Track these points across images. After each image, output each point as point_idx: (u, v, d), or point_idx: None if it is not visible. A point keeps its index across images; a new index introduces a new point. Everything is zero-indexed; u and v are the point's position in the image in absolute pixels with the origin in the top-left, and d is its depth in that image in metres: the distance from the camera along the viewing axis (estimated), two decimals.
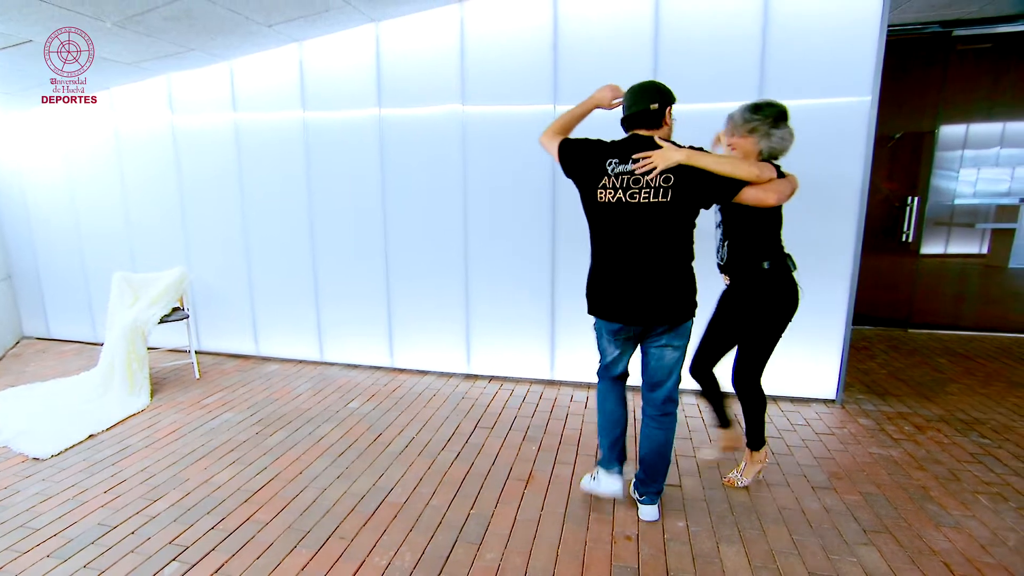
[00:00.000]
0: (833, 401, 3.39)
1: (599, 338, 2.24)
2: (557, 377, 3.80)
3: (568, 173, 2.16)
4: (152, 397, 3.65)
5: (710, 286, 2.48)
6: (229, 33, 3.38)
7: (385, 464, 2.74)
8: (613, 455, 2.31)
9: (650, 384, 2.19)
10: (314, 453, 2.86)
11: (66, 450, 2.93)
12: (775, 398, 3.45)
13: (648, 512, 2.26)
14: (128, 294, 3.97)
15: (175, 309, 4.02)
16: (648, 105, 2.04)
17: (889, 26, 3.25)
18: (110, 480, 2.62)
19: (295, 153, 4.00)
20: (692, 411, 3.31)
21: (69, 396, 3.62)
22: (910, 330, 4.99)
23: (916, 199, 4.68)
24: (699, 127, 3.25)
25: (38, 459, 2.84)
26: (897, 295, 4.98)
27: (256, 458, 2.82)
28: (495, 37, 3.46)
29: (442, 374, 4.00)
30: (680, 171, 1.94)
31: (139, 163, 4.42)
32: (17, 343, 5.01)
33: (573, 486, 2.52)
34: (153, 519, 2.30)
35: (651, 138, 2.03)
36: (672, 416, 2.19)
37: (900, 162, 4.78)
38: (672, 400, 2.17)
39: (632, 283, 2.03)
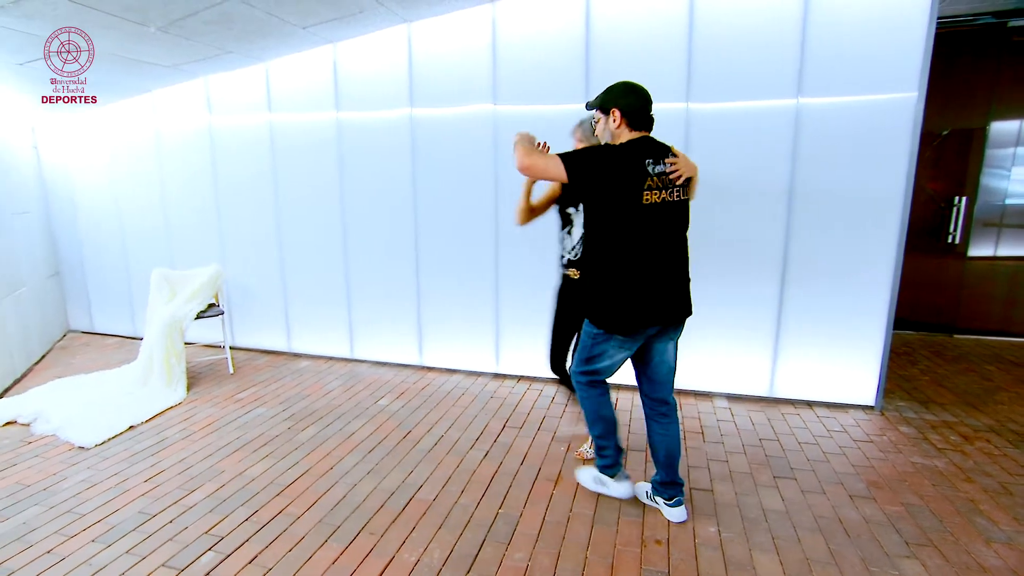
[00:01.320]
0: (872, 407, 3.29)
1: (611, 354, 2.14)
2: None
3: (593, 184, 2.00)
4: (188, 390, 3.77)
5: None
6: (266, 35, 3.46)
7: (414, 461, 2.78)
8: (620, 457, 2.36)
9: (660, 383, 2.21)
10: (345, 449, 2.92)
11: (108, 440, 3.05)
12: (810, 403, 3.37)
13: (679, 513, 2.25)
14: (166, 290, 4.11)
15: (211, 305, 4.14)
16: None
17: (938, 18, 3.13)
18: (149, 470, 2.72)
19: (328, 153, 4.08)
20: (724, 415, 3.26)
21: (111, 388, 3.76)
22: (956, 335, 4.80)
23: (963, 199, 4.51)
24: (734, 126, 3.21)
25: (83, 448, 2.96)
26: (942, 299, 4.80)
27: (288, 452, 2.88)
28: (527, 37, 3.47)
29: (471, 373, 4.02)
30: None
31: (178, 163, 4.57)
32: (64, 336, 5.23)
33: None
34: (190, 509, 2.38)
35: (655, 139, 2.12)
36: (676, 407, 2.26)
37: (947, 160, 4.61)
38: (673, 392, 2.26)
39: (674, 281, 2.09)
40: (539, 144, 2.28)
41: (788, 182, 3.18)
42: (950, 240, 4.57)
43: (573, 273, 2.52)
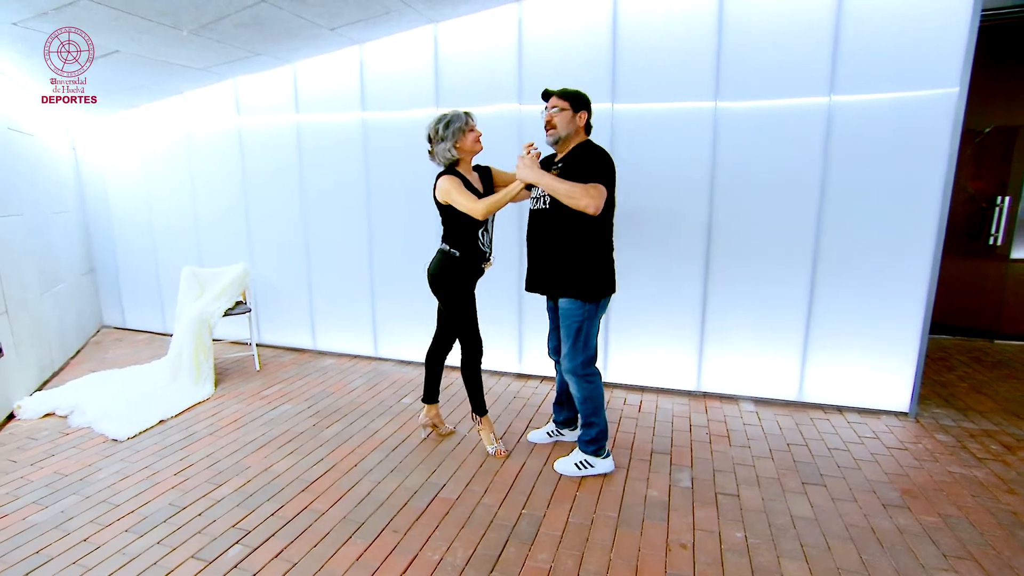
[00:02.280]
0: (906, 414, 3.21)
1: (594, 333, 2.52)
2: (609, 379, 3.77)
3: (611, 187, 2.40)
4: (216, 387, 3.86)
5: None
6: (294, 37, 3.53)
7: (438, 460, 2.80)
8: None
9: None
10: (369, 446, 2.96)
11: (140, 433, 3.14)
12: (841, 408, 3.31)
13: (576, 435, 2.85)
14: (195, 288, 4.21)
15: (238, 303, 4.23)
16: None
17: (982, 11, 3.04)
18: (179, 464, 2.80)
19: (354, 153, 4.14)
20: (751, 419, 3.21)
21: (142, 383, 3.87)
22: (996, 341, 4.65)
23: (1007, 199, 4.37)
24: (763, 125, 3.16)
25: (116, 440, 3.06)
26: (982, 303, 4.66)
27: (313, 449, 2.93)
28: (553, 36, 3.47)
29: (494, 372, 4.04)
30: None
31: (207, 163, 4.68)
32: (98, 331, 5.41)
33: (627, 490, 2.50)
34: (218, 503, 2.44)
35: None
36: None
37: (989, 159, 4.47)
38: None
39: None
40: (529, 146, 2.50)
41: (819, 181, 3.12)
42: (991, 242, 4.43)
43: (488, 266, 2.76)
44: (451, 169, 2.63)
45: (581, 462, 2.64)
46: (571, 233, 2.40)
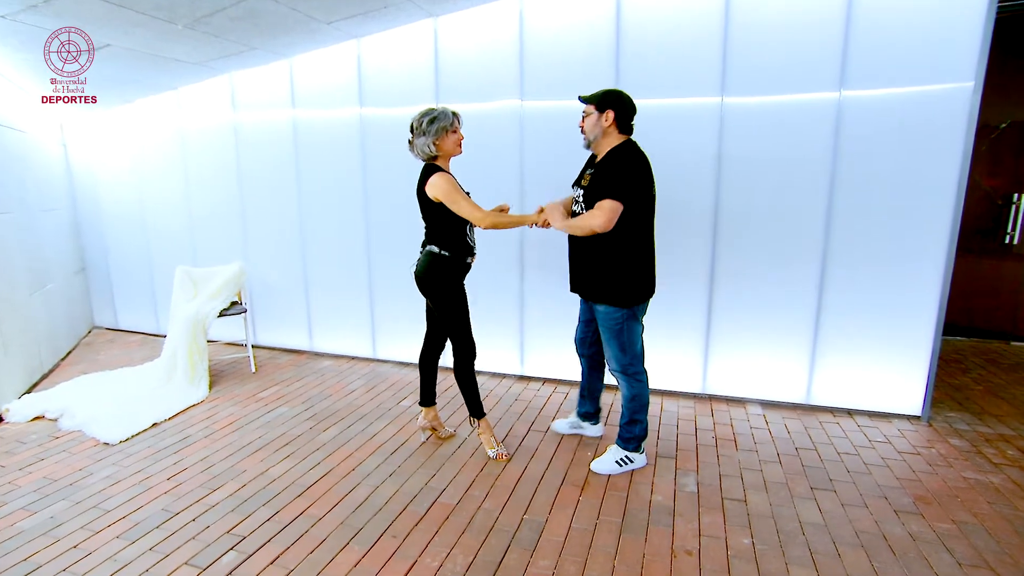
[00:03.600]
0: (918, 418, 3.20)
1: (637, 333, 2.59)
2: (613, 381, 3.76)
3: (636, 196, 2.41)
4: (211, 389, 3.87)
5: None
6: (290, 31, 3.54)
7: (437, 464, 2.80)
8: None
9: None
10: (367, 450, 2.96)
11: (132, 437, 3.15)
12: (850, 411, 3.30)
13: (599, 429, 3.05)
14: (189, 287, 4.23)
15: (233, 303, 4.24)
16: None
17: (999, 2, 3.03)
18: (172, 468, 2.80)
19: (352, 150, 4.14)
20: (758, 422, 3.21)
21: (135, 385, 3.88)
22: (1013, 343, 4.64)
23: (1023, 196, 4.35)
24: (770, 121, 3.16)
25: (108, 444, 3.06)
26: (998, 303, 4.64)
27: (310, 453, 2.94)
28: (555, 30, 3.47)
29: (495, 375, 4.04)
30: None
31: (202, 160, 4.69)
32: (89, 332, 5.42)
33: (631, 495, 2.50)
34: (212, 508, 2.45)
35: None
36: None
37: (1005, 155, 4.46)
38: None
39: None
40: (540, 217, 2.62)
41: (828, 178, 3.12)
42: (1008, 240, 4.42)
43: (473, 260, 2.80)
44: (437, 166, 2.65)
45: (622, 459, 2.71)
46: (605, 241, 2.45)
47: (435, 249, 2.69)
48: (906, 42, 2.89)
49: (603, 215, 2.35)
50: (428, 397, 3.01)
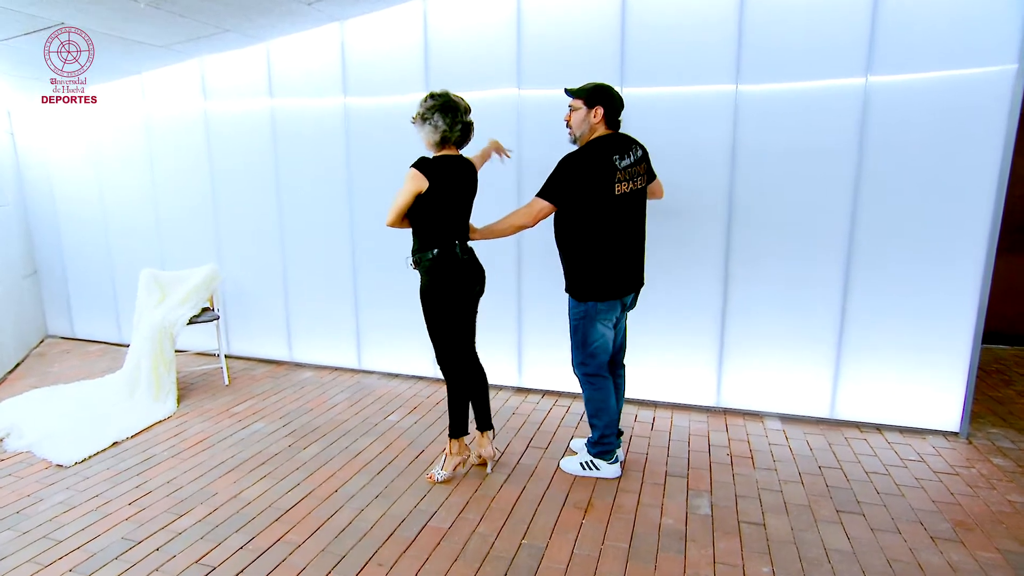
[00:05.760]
0: (956, 434, 3.20)
1: (600, 333, 2.69)
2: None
3: (571, 195, 2.56)
4: (179, 403, 3.84)
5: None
6: (266, 12, 3.53)
7: (427, 485, 2.78)
8: (619, 441, 2.86)
9: (618, 342, 2.86)
10: (351, 469, 2.94)
11: (90, 457, 3.11)
12: (879, 426, 3.30)
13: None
14: (156, 293, 4.20)
15: (205, 309, 4.21)
16: None
17: None
18: (135, 491, 2.77)
19: (335, 142, 4.13)
20: (777, 438, 3.20)
21: (93, 400, 3.85)
22: None
23: None
24: (789, 110, 3.17)
25: (62, 466, 3.02)
26: None
27: (288, 473, 2.91)
28: (556, 12, 3.48)
29: (491, 387, 4.01)
30: (647, 157, 2.71)
31: (169, 153, 4.67)
32: (41, 342, 5.38)
33: (639, 518, 2.48)
34: (179, 535, 2.41)
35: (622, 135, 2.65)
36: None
37: None
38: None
39: (640, 252, 2.74)
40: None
41: (854, 171, 3.12)
42: None
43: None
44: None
45: (586, 463, 2.85)
46: (562, 234, 2.70)
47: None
48: (940, 21, 2.90)
49: (524, 212, 2.62)
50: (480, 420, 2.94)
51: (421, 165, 2.56)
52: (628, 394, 3.73)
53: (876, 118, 3.05)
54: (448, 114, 2.56)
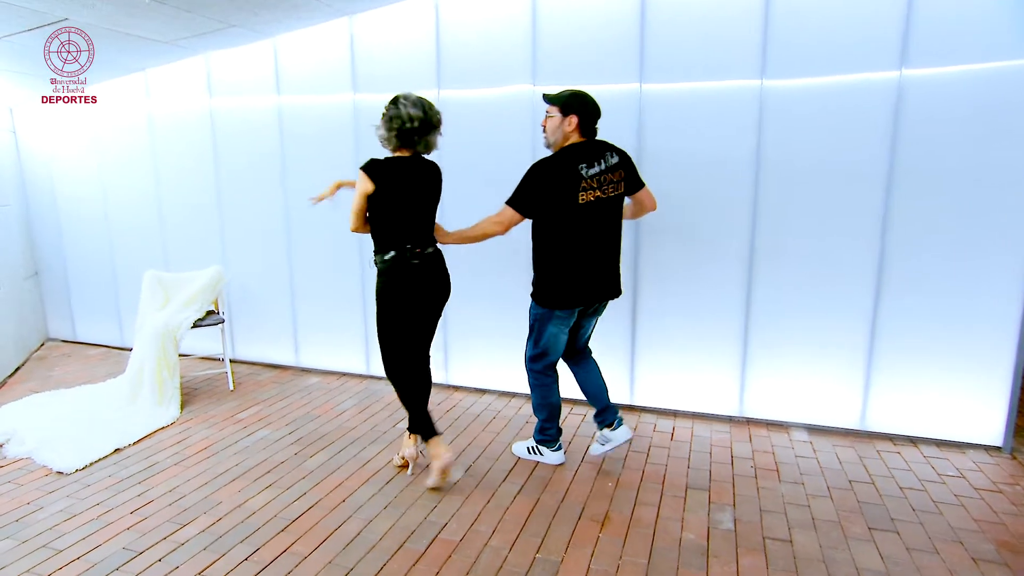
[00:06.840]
0: (999, 448, 3.14)
1: (555, 335, 2.83)
2: (637, 402, 3.74)
3: (537, 204, 2.69)
4: (182, 409, 3.87)
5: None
6: (274, 7, 3.56)
7: (437, 495, 2.78)
8: (559, 436, 3.08)
9: (581, 343, 3.04)
10: (359, 479, 2.94)
11: (91, 464, 3.14)
12: (914, 439, 3.25)
13: (625, 432, 2.93)
14: (159, 295, 4.23)
15: (209, 312, 4.24)
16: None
17: None
18: (137, 500, 2.79)
19: (345, 141, 4.15)
20: (804, 450, 3.16)
21: (95, 405, 3.88)
22: None
23: None
24: (817, 106, 3.14)
25: (62, 473, 3.05)
26: None
27: (294, 482, 2.92)
28: (572, 6, 3.47)
29: (503, 393, 4.02)
30: (626, 165, 2.76)
31: (174, 151, 4.72)
32: (42, 345, 5.45)
33: (658, 532, 2.46)
34: (182, 546, 2.42)
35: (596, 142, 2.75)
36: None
37: None
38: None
39: (610, 263, 2.81)
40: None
41: (886, 168, 3.08)
42: None
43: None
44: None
45: (532, 447, 3.11)
46: (534, 239, 2.84)
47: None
48: (981, 10, 2.85)
49: (495, 220, 2.75)
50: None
51: (367, 166, 2.68)
52: (645, 403, 3.75)
53: (911, 114, 3.01)
54: (394, 119, 2.72)
